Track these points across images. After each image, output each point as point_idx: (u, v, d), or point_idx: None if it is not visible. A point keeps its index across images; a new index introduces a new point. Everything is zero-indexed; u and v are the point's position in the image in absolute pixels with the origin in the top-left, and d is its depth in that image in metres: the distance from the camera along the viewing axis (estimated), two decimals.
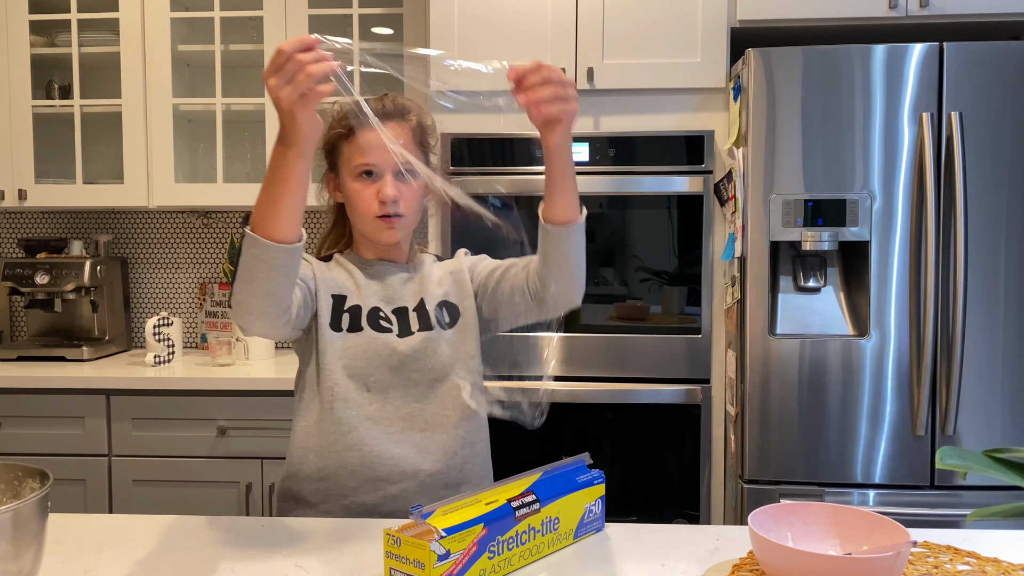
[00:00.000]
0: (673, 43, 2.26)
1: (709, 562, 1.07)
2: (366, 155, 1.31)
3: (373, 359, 1.31)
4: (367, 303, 1.35)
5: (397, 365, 1.31)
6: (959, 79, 2.02)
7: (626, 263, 2.27)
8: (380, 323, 1.33)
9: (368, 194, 1.31)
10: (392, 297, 1.37)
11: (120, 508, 2.40)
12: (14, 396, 2.41)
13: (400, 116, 1.36)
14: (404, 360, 1.31)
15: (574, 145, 2.25)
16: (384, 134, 1.19)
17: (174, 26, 2.67)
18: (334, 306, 1.33)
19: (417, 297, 1.37)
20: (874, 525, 1.01)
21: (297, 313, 1.25)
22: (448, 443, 1.32)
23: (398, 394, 1.32)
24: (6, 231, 3.06)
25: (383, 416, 1.31)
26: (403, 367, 1.32)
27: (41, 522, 0.90)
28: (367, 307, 1.34)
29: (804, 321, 2.11)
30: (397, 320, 1.35)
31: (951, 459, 0.81)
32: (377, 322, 1.33)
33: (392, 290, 1.37)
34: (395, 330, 1.34)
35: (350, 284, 1.36)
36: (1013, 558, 1.07)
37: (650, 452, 2.28)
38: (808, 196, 2.06)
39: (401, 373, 1.32)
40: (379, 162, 1.30)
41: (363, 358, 1.31)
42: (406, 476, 1.30)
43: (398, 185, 1.31)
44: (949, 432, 2.02)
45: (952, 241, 2.00)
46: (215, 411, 2.37)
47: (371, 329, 1.32)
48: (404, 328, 1.34)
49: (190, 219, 2.99)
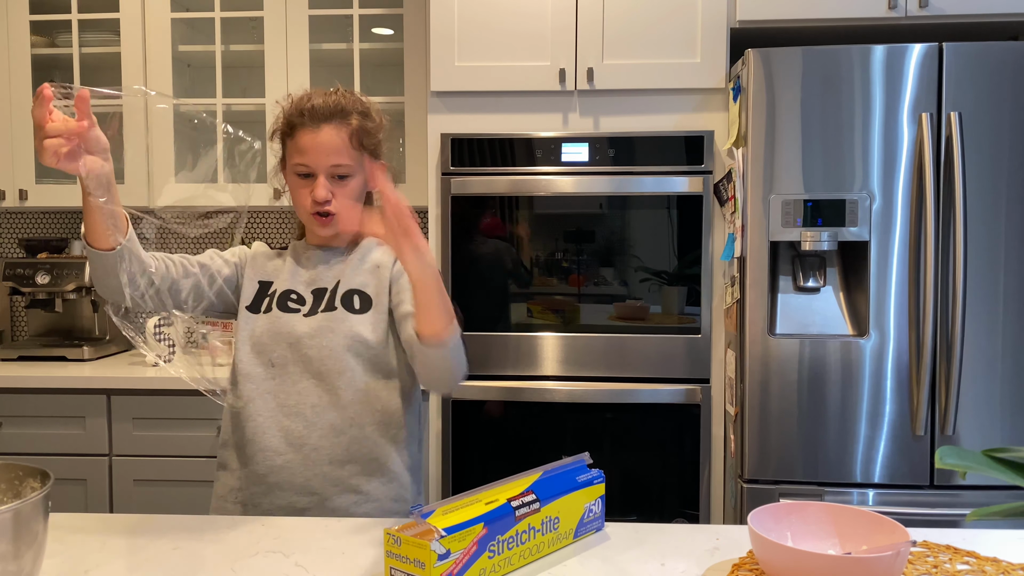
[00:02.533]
0: (673, 43, 2.27)
1: (709, 561, 1.07)
2: (302, 155, 1.38)
3: (276, 336, 1.39)
4: (283, 287, 1.44)
5: (295, 342, 1.38)
6: (959, 79, 2.02)
7: (626, 263, 2.27)
8: (288, 304, 1.42)
9: (304, 192, 1.40)
10: (315, 279, 1.45)
11: (120, 508, 2.40)
12: (15, 396, 2.41)
13: (339, 117, 1.39)
14: (300, 337, 1.38)
15: (574, 146, 2.26)
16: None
17: (174, 26, 2.68)
18: (258, 291, 1.45)
19: (335, 280, 1.44)
20: (874, 525, 1.01)
21: (180, 297, 1.39)
22: (336, 420, 1.37)
23: (296, 370, 1.38)
24: (7, 231, 3.06)
25: (280, 390, 1.38)
26: (300, 344, 1.38)
27: (42, 522, 0.90)
28: (280, 290, 1.44)
29: (804, 321, 2.12)
30: (313, 300, 1.42)
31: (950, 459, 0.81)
32: (285, 303, 1.42)
33: (317, 272, 1.45)
34: (304, 309, 1.41)
35: (281, 271, 1.47)
36: (1012, 558, 1.07)
37: (650, 452, 2.28)
38: (807, 196, 2.06)
39: (299, 349, 1.38)
40: (312, 164, 1.37)
41: (268, 335, 1.40)
42: (292, 448, 1.36)
43: (332, 185, 1.38)
44: (948, 432, 2.03)
45: (951, 241, 2.00)
46: (215, 411, 2.37)
47: (278, 309, 1.42)
48: (313, 307, 1.41)
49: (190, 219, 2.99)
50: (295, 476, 1.36)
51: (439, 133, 2.31)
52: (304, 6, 2.61)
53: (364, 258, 1.46)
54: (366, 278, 1.44)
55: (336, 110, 1.39)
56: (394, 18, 2.69)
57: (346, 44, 2.66)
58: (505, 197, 2.27)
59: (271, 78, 2.63)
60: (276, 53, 2.62)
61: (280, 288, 1.44)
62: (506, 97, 2.31)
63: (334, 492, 1.37)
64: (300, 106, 1.39)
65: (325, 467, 1.37)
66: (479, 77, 2.29)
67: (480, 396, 2.28)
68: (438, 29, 2.30)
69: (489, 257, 2.29)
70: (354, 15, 2.63)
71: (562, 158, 2.26)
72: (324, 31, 2.73)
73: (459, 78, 2.30)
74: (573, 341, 2.28)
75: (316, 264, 1.46)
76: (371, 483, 1.39)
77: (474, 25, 2.30)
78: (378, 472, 1.40)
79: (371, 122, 1.42)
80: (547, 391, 2.27)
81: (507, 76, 2.29)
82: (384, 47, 2.70)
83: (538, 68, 2.28)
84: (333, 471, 1.37)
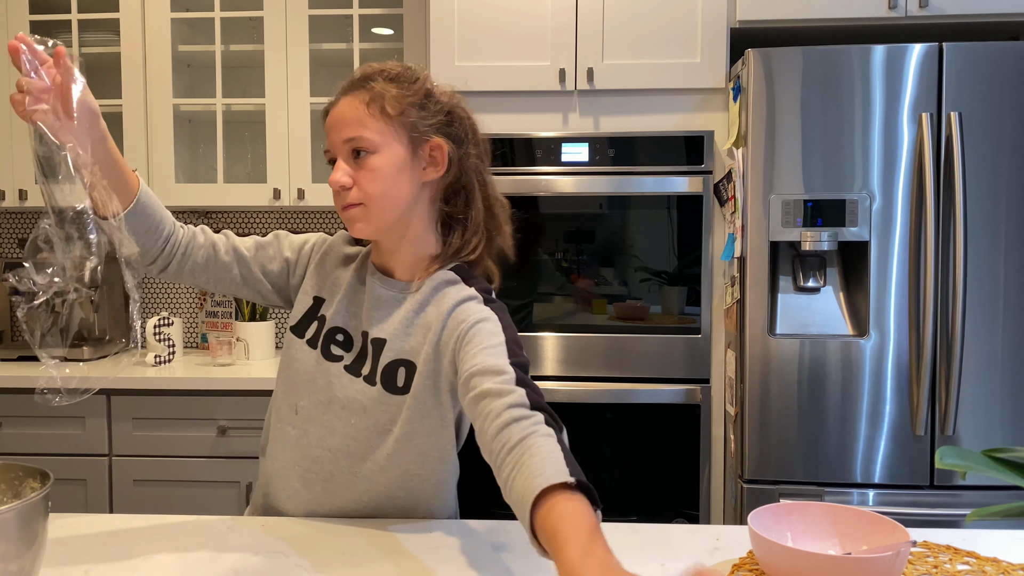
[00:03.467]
0: (673, 43, 2.27)
1: (709, 562, 1.07)
2: (326, 140, 1.16)
3: (309, 384, 1.19)
4: (333, 318, 1.20)
5: (327, 402, 1.18)
6: (959, 79, 2.02)
7: (626, 263, 2.27)
8: (332, 349, 1.19)
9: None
10: (367, 319, 1.19)
11: (120, 508, 2.40)
12: (14, 396, 2.41)
13: (360, 86, 1.13)
14: (333, 399, 1.18)
15: (574, 146, 2.26)
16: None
17: (174, 26, 2.67)
18: (309, 310, 1.22)
19: (381, 330, 1.17)
20: (874, 525, 1.01)
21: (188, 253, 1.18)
22: (346, 503, 1.20)
23: (317, 432, 1.18)
24: (6, 231, 3.06)
25: (299, 445, 1.20)
26: (331, 405, 1.18)
27: (42, 522, 0.90)
28: (329, 324, 1.20)
29: (804, 321, 2.12)
30: (359, 350, 1.18)
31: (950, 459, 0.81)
32: (329, 347, 1.19)
33: (370, 313, 1.19)
34: (346, 359, 1.19)
35: (334, 287, 1.22)
36: (1012, 558, 1.07)
37: (650, 452, 2.28)
38: (807, 196, 2.06)
39: (328, 412, 1.18)
40: (330, 145, 1.15)
41: (303, 379, 1.20)
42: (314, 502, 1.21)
43: (352, 167, 1.12)
44: (948, 432, 2.03)
45: (951, 241, 2.00)
46: (215, 411, 2.37)
47: (322, 352, 1.19)
48: (356, 365, 1.18)
49: (190, 219, 2.99)
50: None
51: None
52: (304, 6, 2.61)
53: (417, 307, 1.17)
54: (415, 342, 1.15)
55: (360, 78, 1.14)
56: (394, 18, 2.69)
57: (346, 44, 2.66)
58: (505, 197, 2.27)
59: (271, 78, 2.63)
60: (276, 53, 2.62)
61: (329, 316, 1.20)
62: (506, 97, 2.31)
63: None
64: None
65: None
66: (479, 77, 2.29)
67: None
68: (438, 29, 2.30)
69: None
70: (354, 15, 2.62)
71: (562, 158, 2.26)
72: (324, 31, 2.73)
73: (459, 78, 2.29)
74: (573, 341, 2.28)
75: (371, 300, 1.19)
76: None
77: (474, 25, 2.30)
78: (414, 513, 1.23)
79: (399, 86, 1.13)
80: (547, 391, 2.27)
81: (507, 76, 2.29)
82: (384, 47, 2.69)
83: (538, 68, 2.28)
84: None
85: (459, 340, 1.10)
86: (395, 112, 1.12)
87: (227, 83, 2.75)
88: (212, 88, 2.76)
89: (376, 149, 1.11)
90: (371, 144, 1.11)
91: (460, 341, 1.09)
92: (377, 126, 1.11)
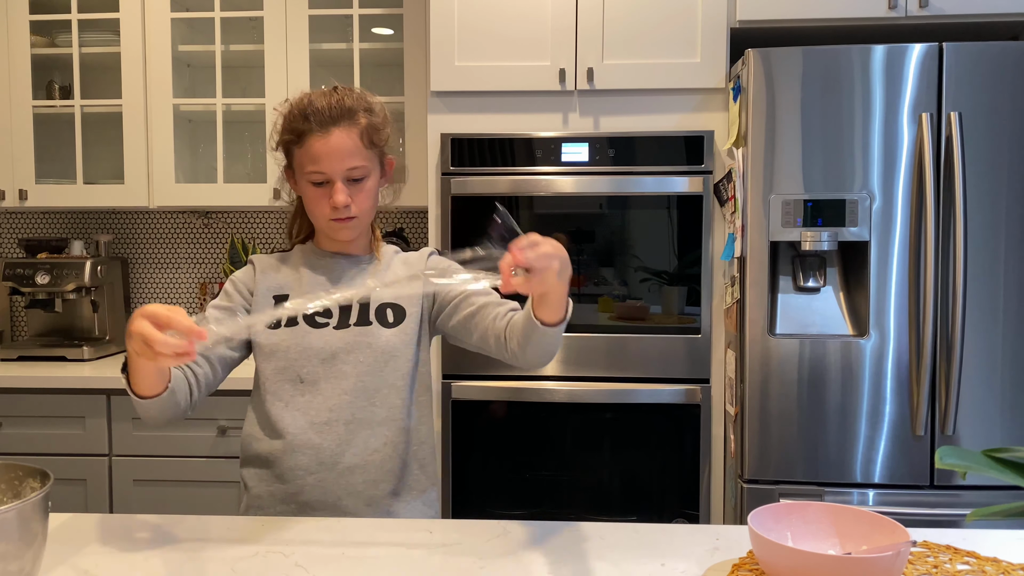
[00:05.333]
0: (673, 43, 2.27)
1: (709, 562, 1.07)
2: (316, 163, 1.32)
3: (306, 351, 1.35)
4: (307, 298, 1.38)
5: (328, 357, 1.34)
6: (958, 79, 2.02)
7: (626, 263, 2.27)
8: (316, 318, 1.36)
9: (320, 201, 1.34)
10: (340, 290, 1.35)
11: (120, 508, 2.40)
12: (15, 396, 2.41)
13: (347, 118, 1.33)
14: (336, 352, 1.34)
15: (574, 146, 2.26)
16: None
17: (174, 26, 2.68)
18: (275, 306, 1.36)
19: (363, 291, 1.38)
20: (874, 525, 1.01)
21: (202, 390, 1.32)
22: (370, 439, 1.34)
23: (328, 386, 1.34)
24: (7, 231, 3.06)
25: (311, 407, 1.34)
26: (334, 359, 1.34)
27: (42, 522, 0.90)
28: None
29: (804, 321, 2.12)
30: (340, 312, 1.37)
31: (950, 459, 0.81)
32: (312, 317, 1.36)
33: (341, 283, 1.40)
34: (332, 322, 1.36)
35: (294, 281, 1.41)
36: (1012, 558, 1.07)
37: (650, 452, 2.28)
38: (808, 196, 2.06)
39: (332, 365, 1.34)
40: (328, 171, 1.32)
41: (296, 351, 1.35)
42: (324, 467, 1.32)
43: (349, 189, 1.34)
44: (948, 432, 2.03)
45: (951, 241, 2.00)
46: (215, 411, 2.37)
47: (305, 323, 1.36)
48: (343, 320, 1.37)
49: (190, 219, 2.99)
50: (327, 495, 1.32)
51: (439, 133, 2.30)
52: (304, 6, 2.61)
53: (390, 266, 1.44)
54: (395, 291, 1.40)
55: (343, 111, 1.33)
56: (394, 18, 2.69)
57: (346, 44, 2.66)
58: (505, 197, 2.27)
59: (271, 78, 2.63)
60: (276, 53, 2.62)
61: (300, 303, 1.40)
62: (506, 97, 2.31)
63: (367, 512, 1.33)
64: (303, 110, 1.33)
65: (359, 486, 1.33)
66: (479, 77, 2.29)
67: (480, 396, 2.28)
68: (438, 29, 2.30)
69: None
70: (354, 15, 2.63)
71: (562, 158, 2.26)
72: (324, 31, 2.73)
73: (459, 78, 2.30)
74: (573, 341, 2.28)
75: (338, 273, 1.42)
76: (401, 502, 1.36)
77: (474, 25, 2.30)
78: (409, 490, 1.37)
79: (377, 117, 1.37)
80: (547, 391, 2.27)
81: (507, 76, 2.29)
82: (384, 47, 2.70)
83: (538, 68, 2.28)
84: (367, 490, 1.33)
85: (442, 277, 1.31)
86: (376, 142, 1.37)
87: (227, 83, 2.75)
88: (212, 88, 2.77)
89: (368, 174, 1.36)
90: (366, 171, 1.35)
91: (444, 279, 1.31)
92: (367, 155, 1.35)
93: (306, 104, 1.34)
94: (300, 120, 1.33)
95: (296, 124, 1.34)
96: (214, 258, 2.99)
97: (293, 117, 1.35)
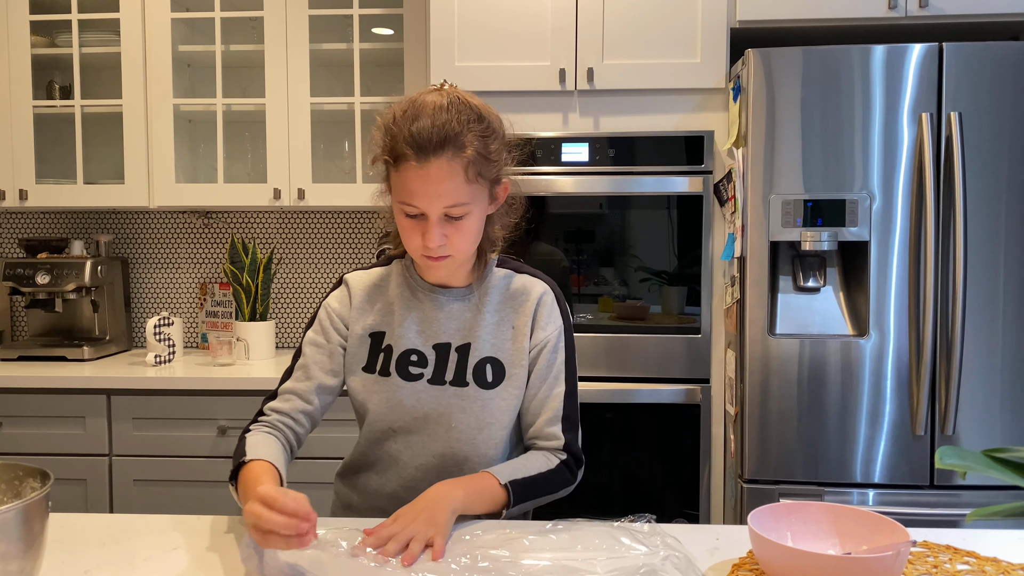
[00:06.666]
0: (673, 43, 2.27)
1: (709, 561, 1.07)
2: (410, 196, 1.18)
3: (397, 408, 1.28)
4: (400, 343, 1.30)
5: (421, 417, 1.28)
6: (959, 79, 2.02)
7: (626, 263, 2.27)
8: (408, 367, 1.29)
9: (413, 233, 1.21)
10: (437, 331, 1.30)
11: (120, 508, 2.40)
12: (15, 396, 2.41)
13: (452, 146, 1.16)
14: (427, 414, 1.28)
15: (574, 146, 2.26)
16: None
17: (175, 26, 2.68)
18: (372, 346, 1.31)
19: (464, 337, 1.29)
20: (874, 525, 1.01)
21: (302, 445, 1.30)
22: None
23: (421, 440, 1.29)
24: (7, 231, 3.06)
25: (402, 457, 1.30)
26: (426, 420, 1.28)
27: (42, 522, 0.90)
28: (399, 349, 1.30)
29: (803, 321, 2.12)
30: (435, 359, 1.29)
31: (950, 459, 0.81)
32: (406, 368, 1.29)
33: (438, 323, 1.30)
34: (427, 375, 1.28)
35: (391, 314, 1.32)
36: (1012, 558, 1.07)
37: (650, 452, 2.28)
38: (807, 196, 2.06)
39: (425, 425, 1.28)
40: (423, 208, 1.18)
41: (388, 405, 1.29)
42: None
43: (445, 228, 1.19)
44: (948, 432, 2.03)
45: (951, 241, 2.00)
46: (215, 411, 2.37)
47: (398, 376, 1.29)
48: (438, 373, 1.28)
49: (191, 219, 2.99)
50: None
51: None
52: (304, 6, 2.61)
53: (495, 309, 1.31)
54: (500, 340, 1.29)
55: (447, 136, 1.15)
56: (394, 18, 2.69)
57: (346, 44, 2.66)
58: None
59: (271, 78, 2.63)
60: (276, 53, 2.62)
61: (396, 343, 1.30)
62: (506, 97, 2.31)
63: None
64: (406, 130, 1.16)
65: None
66: (479, 77, 2.29)
67: None
68: (438, 29, 2.30)
69: None
70: (354, 15, 2.62)
71: (562, 158, 2.26)
72: (324, 31, 2.73)
73: (459, 78, 2.29)
74: None
75: (435, 311, 1.30)
76: None
77: (474, 25, 2.30)
78: None
79: (491, 142, 1.22)
80: None
81: (507, 76, 2.29)
82: (384, 47, 2.69)
83: (538, 68, 2.28)
84: None
85: (533, 361, 1.30)
86: (485, 174, 1.21)
87: (227, 83, 2.75)
88: (212, 88, 2.77)
89: (470, 211, 1.20)
90: (467, 208, 1.19)
91: (534, 363, 1.30)
92: (471, 190, 1.19)
93: (410, 120, 1.16)
94: (399, 141, 1.16)
95: (394, 144, 1.17)
96: (214, 258, 2.99)
97: (392, 136, 1.18)
